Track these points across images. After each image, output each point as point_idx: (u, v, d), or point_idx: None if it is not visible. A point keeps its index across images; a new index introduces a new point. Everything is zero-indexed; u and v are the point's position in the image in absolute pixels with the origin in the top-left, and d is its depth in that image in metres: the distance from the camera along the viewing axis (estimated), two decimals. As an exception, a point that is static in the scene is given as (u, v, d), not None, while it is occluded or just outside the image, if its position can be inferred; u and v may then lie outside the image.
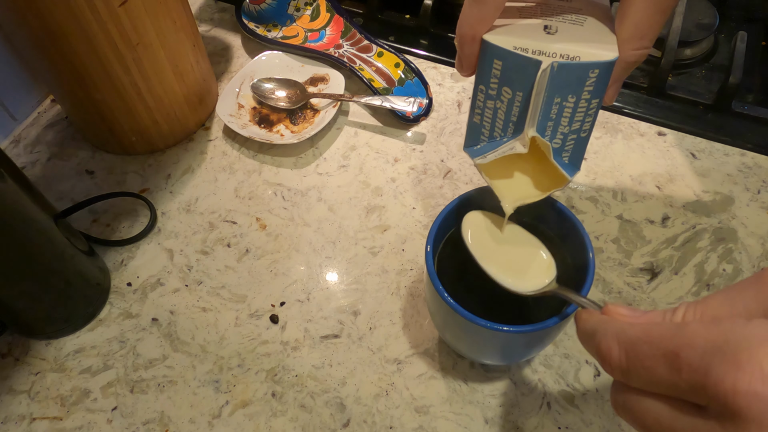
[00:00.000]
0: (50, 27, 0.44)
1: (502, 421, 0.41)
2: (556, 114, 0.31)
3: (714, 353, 0.20)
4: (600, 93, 0.31)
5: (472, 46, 0.32)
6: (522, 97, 0.31)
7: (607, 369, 0.24)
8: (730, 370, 0.19)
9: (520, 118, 0.32)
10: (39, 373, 0.44)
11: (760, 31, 0.64)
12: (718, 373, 0.20)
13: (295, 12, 0.65)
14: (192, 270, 0.49)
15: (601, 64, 0.30)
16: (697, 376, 0.20)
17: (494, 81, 0.32)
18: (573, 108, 0.31)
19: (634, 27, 0.30)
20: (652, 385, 0.22)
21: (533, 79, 0.30)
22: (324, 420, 0.41)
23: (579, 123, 0.32)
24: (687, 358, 0.21)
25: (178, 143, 0.57)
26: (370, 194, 0.53)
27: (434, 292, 0.35)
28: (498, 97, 0.32)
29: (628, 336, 0.23)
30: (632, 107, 0.58)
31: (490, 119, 0.34)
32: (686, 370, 0.21)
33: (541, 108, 0.30)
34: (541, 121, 0.31)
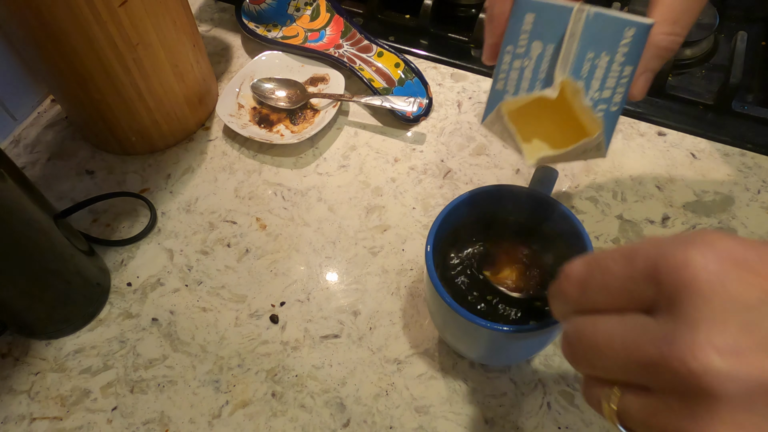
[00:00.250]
0: (50, 27, 0.44)
1: (502, 421, 0.41)
2: (588, 72, 0.29)
3: (668, 241, 0.21)
4: (634, 61, 0.29)
5: (503, 3, 0.30)
6: (553, 49, 0.29)
7: (565, 288, 0.24)
8: (682, 246, 0.20)
9: (549, 72, 0.30)
10: (39, 373, 0.44)
11: (760, 31, 0.64)
12: (671, 252, 0.20)
13: (295, 12, 0.65)
14: (192, 270, 0.49)
15: (638, 24, 0.28)
16: (649, 262, 0.20)
17: (524, 38, 0.30)
18: (606, 69, 0.29)
19: (667, 10, 0.29)
20: (606, 289, 0.22)
21: (566, 26, 0.29)
22: (324, 420, 0.41)
23: (610, 91, 0.30)
24: (643, 251, 0.21)
25: (178, 143, 0.57)
26: (370, 194, 0.53)
27: (434, 292, 0.35)
28: (527, 54, 0.30)
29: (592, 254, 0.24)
30: (632, 107, 0.58)
31: (516, 80, 0.31)
32: (641, 259, 0.21)
33: (574, 58, 0.29)
34: (573, 70, 0.29)
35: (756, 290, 0.19)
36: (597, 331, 0.22)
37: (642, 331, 0.20)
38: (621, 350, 0.21)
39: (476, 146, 0.56)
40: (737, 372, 0.18)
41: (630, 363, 0.20)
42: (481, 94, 0.60)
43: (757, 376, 0.18)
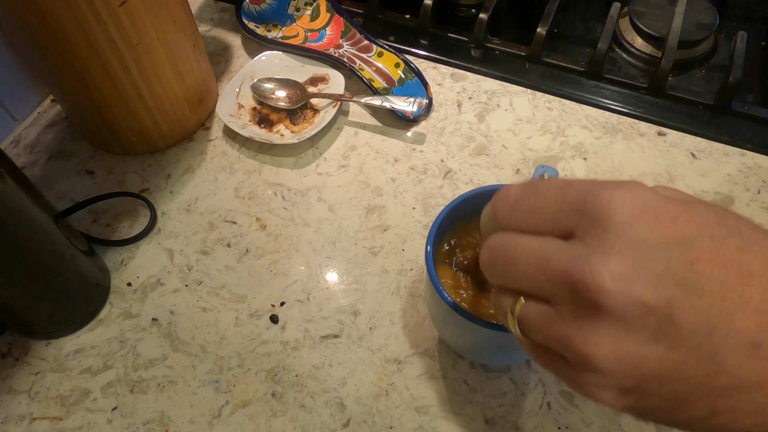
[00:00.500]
0: (50, 27, 0.44)
1: (502, 421, 0.41)
2: None
3: (599, 182, 0.23)
4: None
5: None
6: None
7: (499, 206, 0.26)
8: (609, 188, 0.23)
9: None
10: (39, 373, 0.44)
11: (760, 31, 0.64)
12: (598, 191, 0.23)
13: (295, 12, 0.65)
14: (192, 270, 0.49)
15: None
16: (579, 195, 0.23)
17: None
18: None
19: None
20: (535, 211, 0.25)
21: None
22: (324, 420, 0.41)
23: None
24: (576, 185, 0.24)
25: (178, 143, 0.57)
26: (370, 194, 0.53)
27: (434, 292, 0.35)
28: None
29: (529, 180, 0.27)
30: (632, 107, 0.58)
31: None
32: (572, 192, 0.24)
33: None
34: None
35: (657, 236, 0.22)
36: (518, 245, 0.25)
37: (556, 249, 0.23)
38: (534, 262, 0.24)
39: (476, 146, 0.56)
40: (622, 294, 0.21)
41: (538, 274, 0.24)
42: (481, 94, 0.60)
43: (636, 301, 0.21)
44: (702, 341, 0.21)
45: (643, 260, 0.21)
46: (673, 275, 0.21)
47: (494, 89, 0.60)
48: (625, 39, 0.64)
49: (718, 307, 0.21)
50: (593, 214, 0.22)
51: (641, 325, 0.21)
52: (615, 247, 0.22)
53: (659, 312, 0.21)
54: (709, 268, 0.21)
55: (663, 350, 0.21)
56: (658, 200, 0.22)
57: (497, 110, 0.58)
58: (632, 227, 0.22)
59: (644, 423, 0.40)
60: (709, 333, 0.21)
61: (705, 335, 0.21)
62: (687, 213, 0.22)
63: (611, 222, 0.22)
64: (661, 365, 0.21)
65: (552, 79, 0.60)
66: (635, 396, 0.23)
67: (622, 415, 0.41)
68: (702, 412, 0.22)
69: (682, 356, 0.21)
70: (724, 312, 0.21)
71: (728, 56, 0.59)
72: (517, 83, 0.60)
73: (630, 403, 0.23)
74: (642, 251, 0.21)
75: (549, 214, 0.24)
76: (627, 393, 0.23)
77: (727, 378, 0.21)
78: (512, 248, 0.25)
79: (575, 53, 0.64)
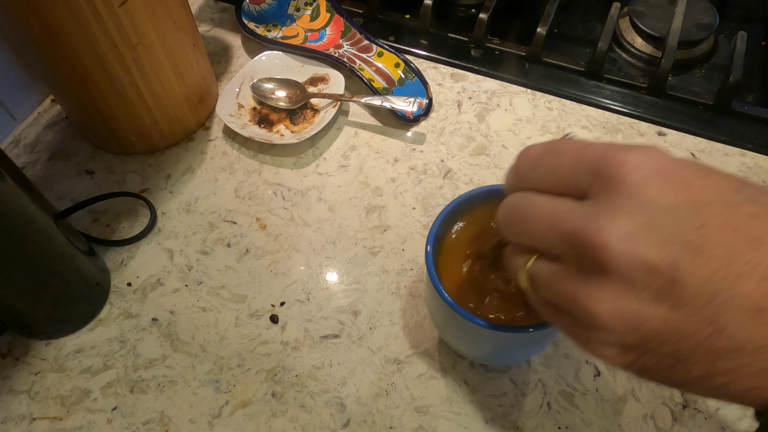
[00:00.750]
0: (50, 27, 0.44)
1: (502, 421, 0.41)
2: None
3: (616, 145, 0.24)
4: None
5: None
6: None
7: (521, 163, 0.27)
8: (624, 150, 0.23)
9: None
10: (39, 373, 0.44)
11: (760, 31, 0.65)
12: (614, 152, 0.23)
13: (295, 12, 0.65)
14: (192, 270, 0.49)
15: None
16: (596, 156, 0.24)
17: None
18: None
19: None
20: (553, 170, 0.25)
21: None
22: (324, 420, 0.41)
23: None
24: (594, 147, 0.24)
25: (178, 143, 0.57)
26: (370, 194, 0.53)
27: (434, 292, 0.35)
28: None
29: (551, 140, 0.27)
30: (632, 107, 0.58)
31: None
32: (590, 153, 0.24)
33: None
34: None
35: (668, 198, 0.22)
36: (533, 204, 0.25)
37: (569, 209, 0.24)
38: (547, 221, 0.24)
39: (476, 146, 0.56)
40: (627, 254, 0.21)
41: (549, 232, 0.24)
42: (481, 94, 0.60)
43: (641, 261, 0.21)
44: (705, 304, 0.21)
45: (652, 221, 0.22)
46: (680, 238, 0.21)
47: (494, 89, 0.60)
48: (625, 39, 0.64)
49: (723, 271, 0.21)
50: (607, 175, 0.23)
51: (645, 284, 0.22)
52: (625, 208, 0.22)
53: (663, 273, 0.21)
54: (718, 232, 0.21)
55: (665, 310, 0.22)
56: (673, 164, 0.23)
57: (497, 110, 0.58)
58: (644, 189, 0.22)
59: (645, 423, 0.40)
60: (712, 296, 0.21)
61: (708, 298, 0.21)
62: (702, 178, 0.22)
63: (623, 183, 0.22)
64: (663, 324, 0.22)
65: (552, 79, 0.61)
66: (636, 353, 0.23)
67: (622, 415, 0.41)
68: (700, 372, 0.22)
69: (684, 317, 0.21)
70: (730, 276, 0.21)
71: (728, 56, 0.59)
72: (517, 83, 0.60)
73: (630, 360, 0.24)
74: (651, 213, 0.22)
75: (566, 174, 0.25)
76: (628, 350, 0.23)
77: (727, 340, 0.21)
78: (527, 207, 0.25)
79: (575, 53, 0.64)
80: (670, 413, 0.41)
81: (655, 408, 0.41)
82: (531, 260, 0.26)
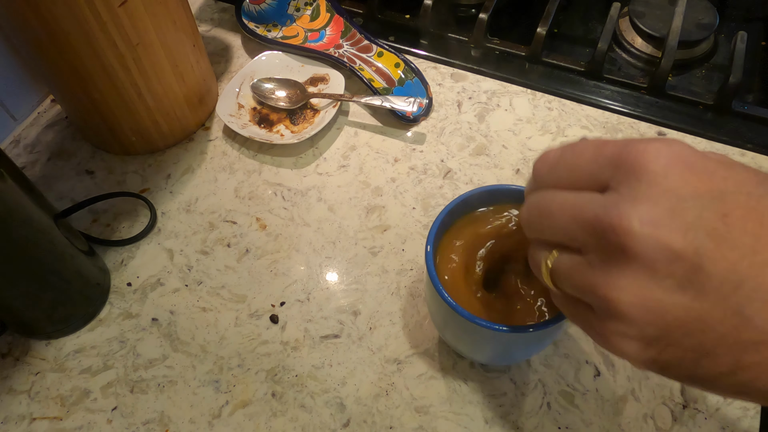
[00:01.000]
0: (50, 27, 0.44)
1: (502, 421, 0.41)
2: None
3: (636, 139, 0.24)
4: None
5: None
6: None
7: (539, 166, 0.27)
8: (644, 142, 0.23)
9: None
10: (39, 373, 0.44)
11: (760, 31, 0.65)
12: (634, 144, 0.23)
13: (295, 12, 0.65)
14: (192, 270, 0.49)
15: None
16: (616, 149, 0.24)
17: None
18: None
19: None
20: (573, 168, 0.25)
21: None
22: (324, 420, 0.41)
23: None
24: (613, 142, 0.24)
25: (178, 143, 0.57)
26: (370, 194, 0.53)
27: (434, 292, 0.35)
28: None
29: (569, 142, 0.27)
30: (632, 107, 0.58)
31: None
32: (610, 148, 0.24)
33: None
34: None
35: (690, 187, 0.22)
36: (554, 200, 0.25)
37: (589, 200, 0.24)
38: (569, 213, 0.24)
39: (476, 146, 0.56)
40: (650, 238, 0.21)
41: (571, 223, 0.24)
42: (481, 94, 0.60)
43: (664, 246, 0.21)
44: (730, 293, 0.20)
45: (675, 209, 0.21)
46: (704, 225, 0.21)
47: (494, 89, 0.60)
48: (625, 39, 0.64)
49: (749, 260, 0.20)
50: (628, 165, 0.23)
51: (668, 271, 0.21)
52: (647, 195, 0.22)
53: (687, 259, 0.21)
54: (743, 221, 0.21)
55: (689, 299, 0.21)
56: (695, 155, 0.22)
57: (497, 110, 0.58)
58: (666, 177, 0.22)
59: (645, 423, 0.40)
60: (738, 285, 0.20)
61: (734, 287, 0.20)
62: (725, 170, 0.22)
63: (645, 171, 0.22)
64: (687, 314, 0.21)
65: (552, 79, 0.61)
66: (658, 347, 0.22)
67: (622, 415, 0.41)
68: (726, 366, 0.21)
69: (709, 307, 0.21)
70: (756, 265, 0.20)
71: (728, 56, 0.59)
72: (517, 83, 0.60)
73: (653, 356, 0.23)
74: (674, 200, 0.21)
75: (586, 169, 0.24)
76: (650, 344, 0.22)
77: (754, 332, 0.20)
78: (549, 202, 0.25)
79: (575, 53, 0.64)
80: (670, 413, 0.41)
81: (655, 408, 0.41)
82: (554, 255, 0.26)
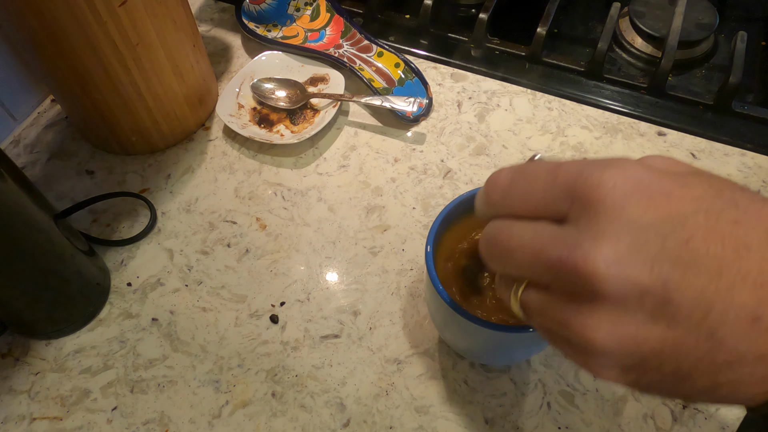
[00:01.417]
0: (50, 27, 0.44)
1: (502, 421, 0.41)
2: None
3: (589, 162, 0.23)
4: None
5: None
6: None
7: (490, 192, 0.26)
8: (599, 169, 0.23)
9: None
10: (39, 373, 0.44)
11: (760, 31, 0.65)
12: (588, 172, 0.23)
13: (295, 12, 0.65)
14: (192, 270, 0.49)
15: None
16: (569, 177, 0.23)
17: None
18: None
19: None
20: (527, 197, 0.25)
21: None
22: (324, 420, 0.41)
23: None
24: (565, 168, 0.24)
25: (178, 143, 0.57)
26: (370, 194, 0.53)
27: (434, 292, 0.35)
28: None
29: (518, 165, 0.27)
30: (632, 107, 0.58)
31: None
32: (562, 175, 0.24)
33: None
34: None
35: (649, 216, 0.22)
36: (512, 235, 0.25)
37: (550, 237, 0.23)
38: (529, 252, 0.24)
39: (476, 146, 0.56)
40: (617, 278, 0.21)
41: (535, 264, 0.24)
42: (481, 94, 0.60)
43: (633, 284, 0.21)
44: (701, 319, 0.21)
45: (637, 242, 0.21)
46: (668, 255, 0.21)
47: (494, 89, 0.60)
48: (625, 39, 0.64)
49: (715, 284, 0.21)
50: (584, 199, 0.22)
51: (638, 306, 0.21)
52: (608, 231, 0.22)
53: (656, 293, 0.21)
54: (705, 244, 0.21)
55: (662, 330, 0.21)
56: (650, 177, 0.22)
57: (497, 110, 0.58)
58: (624, 209, 0.22)
59: (645, 423, 0.40)
60: (707, 310, 0.21)
61: (704, 313, 0.21)
62: (681, 188, 0.22)
63: (602, 205, 0.22)
64: (661, 344, 0.22)
65: (552, 79, 0.61)
66: (637, 373, 0.23)
67: (622, 415, 0.41)
68: (704, 386, 0.22)
69: (682, 335, 0.21)
70: (722, 288, 0.21)
71: (728, 56, 0.59)
72: (517, 83, 0.60)
73: (632, 380, 0.23)
74: (635, 233, 0.21)
75: (540, 198, 0.24)
76: (629, 371, 0.23)
77: (727, 353, 0.21)
78: (507, 238, 0.25)
79: (575, 53, 0.64)
80: (670, 413, 0.41)
81: (655, 408, 0.41)
82: (521, 289, 0.25)
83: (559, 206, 0.23)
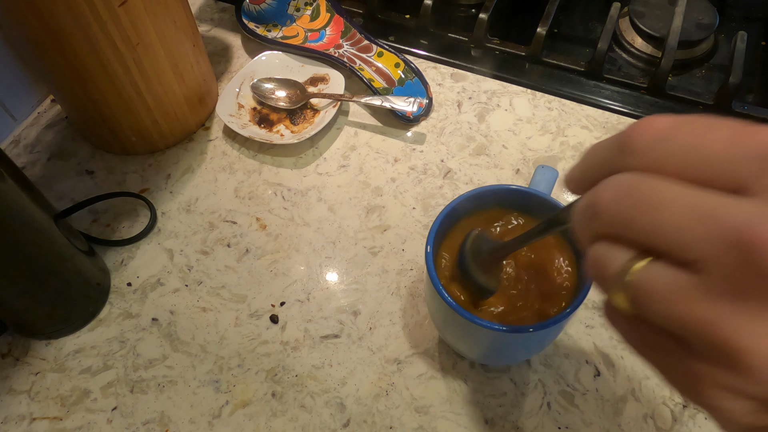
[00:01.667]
0: (50, 27, 0.44)
1: (502, 421, 0.41)
2: None
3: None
4: None
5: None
6: None
7: (635, 137, 0.19)
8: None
9: None
10: (39, 373, 0.44)
11: (760, 31, 0.65)
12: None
13: (295, 12, 0.65)
14: (192, 270, 0.49)
15: None
16: (765, 143, 0.17)
17: None
18: None
19: None
20: (692, 150, 0.18)
21: None
22: (324, 420, 0.41)
23: None
24: (762, 131, 0.18)
25: (178, 143, 0.57)
26: (370, 194, 0.53)
27: (434, 292, 0.35)
28: None
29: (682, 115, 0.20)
30: (632, 107, 0.58)
31: None
32: (758, 138, 0.18)
33: None
34: None
35: None
36: (665, 188, 0.18)
37: (722, 203, 0.17)
38: (688, 211, 0.17)
39: (476, 146, 0.56)
40: None
41: (692, 227, 0.17)
42: (481, 94, 0.60)
43: None
44: None
45: None
46: None
47: (494, 89, 0.60)
48: (625, 39, 0.64)
49: None
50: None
51: None
52: None
53: None
54: None
55: None
56: None
57: (497, 110, 0.58)
58: None
59: (645, 423, 0.40)
60: None
61: None
62: None
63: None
64: None
65: (552, 79, 0.61)
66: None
67: (622, 415, 0.41)
68: None
69: None
70: None
71: (728, 56, 0.59)
72: (517, 83, 0.60)
73: (765, 423, 0.18)
74: None
75: (713, 158, 0.18)
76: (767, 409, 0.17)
77: None
78: (656, 190, 0.18)
79: (575, 53, 0.64)
80: (670, 413, 0.41)
81: (655, 408, 0.41)
82: (642, 262, 0.18)
83: (739, 172, 0.17)
